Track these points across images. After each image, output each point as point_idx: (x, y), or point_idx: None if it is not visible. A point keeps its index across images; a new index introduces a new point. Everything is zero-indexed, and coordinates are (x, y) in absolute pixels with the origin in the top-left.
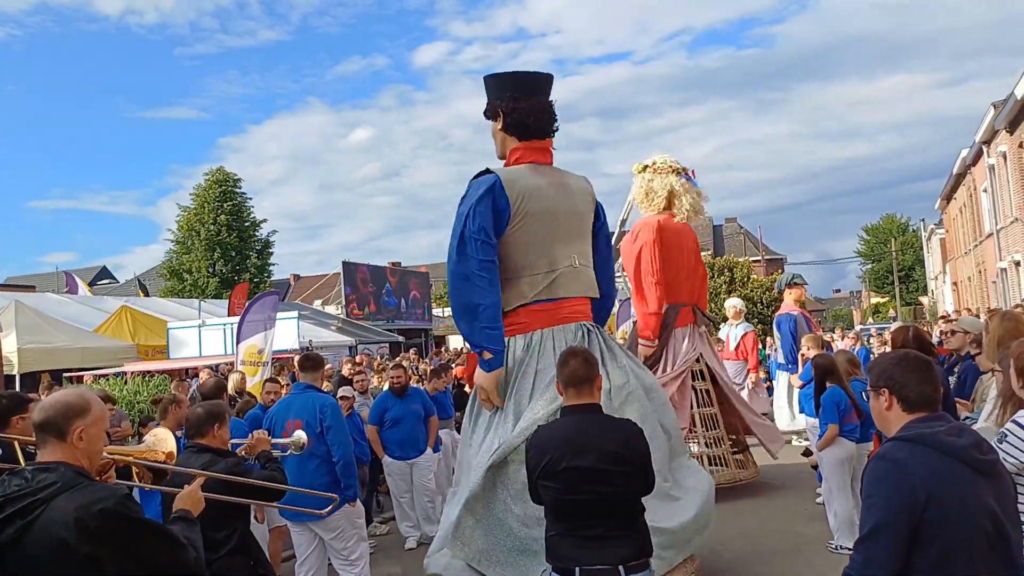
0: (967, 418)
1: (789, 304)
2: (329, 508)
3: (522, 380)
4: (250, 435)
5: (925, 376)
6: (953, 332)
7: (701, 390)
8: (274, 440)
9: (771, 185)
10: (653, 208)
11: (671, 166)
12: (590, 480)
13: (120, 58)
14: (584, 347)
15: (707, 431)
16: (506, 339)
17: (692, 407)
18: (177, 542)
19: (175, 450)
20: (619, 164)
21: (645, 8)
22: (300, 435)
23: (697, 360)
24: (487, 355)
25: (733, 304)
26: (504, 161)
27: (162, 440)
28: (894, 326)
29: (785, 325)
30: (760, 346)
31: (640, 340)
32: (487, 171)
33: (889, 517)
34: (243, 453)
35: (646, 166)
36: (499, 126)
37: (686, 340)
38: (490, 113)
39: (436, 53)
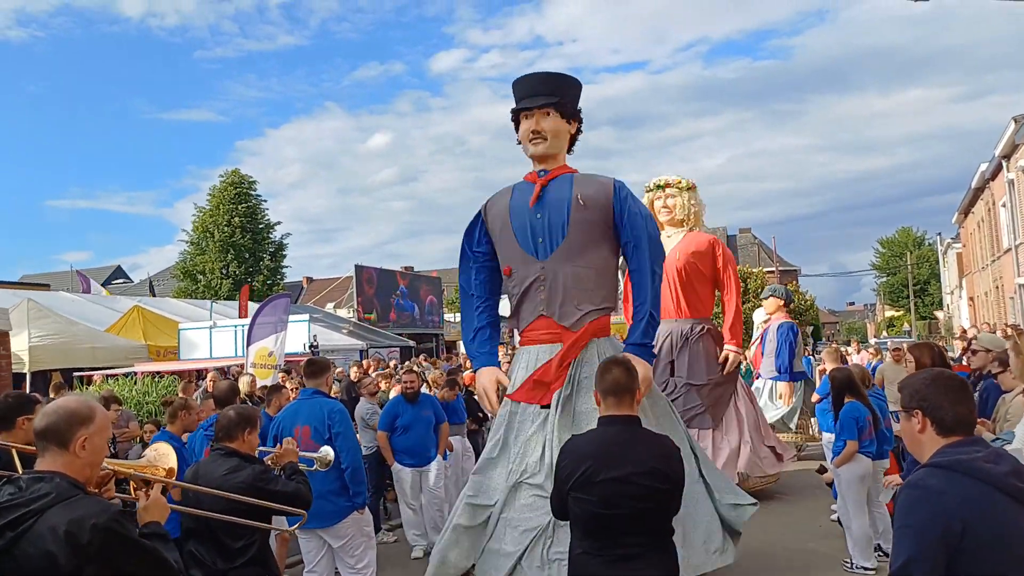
0: (996, 440)
1: (782, 315)
2: (298, 524)
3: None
4: (278, 444)
5: (960, 397)
6: (975, 351)
7: None
8: (303, 453)
9: (786, 196)
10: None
11: (645, 187)
12: (628, 494)
13: (140, 60)
14: (626, 356)
15: None
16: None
17: None
18: (167, 565)
19: (176, 466)
20: (634, 173)
21: (662, 18)
22: (327, 451)
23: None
24: None
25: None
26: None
27: (163, 455)
28: (907, 342)
29: (787, 334)
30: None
31: None
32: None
33: (924, 549)
34: (269, 463)
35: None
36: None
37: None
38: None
39: (453, 60)
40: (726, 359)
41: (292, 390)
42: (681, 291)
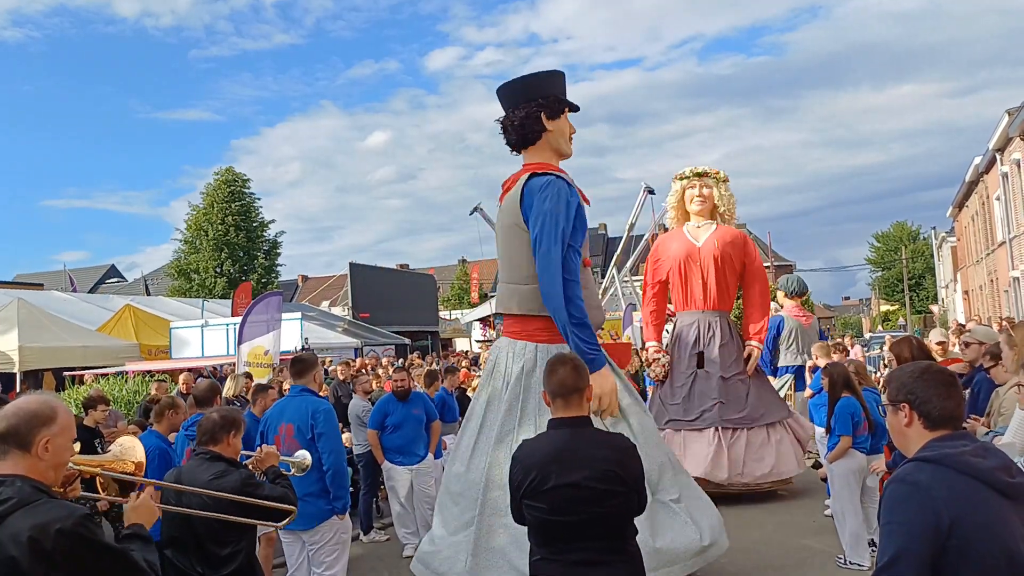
0: (988, 434)
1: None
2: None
3: None
4: (258, 448)
5: (948, 391)
6: (968, 344)
7: None
8: (282, 458)
9: (781, 192)
10: (677, 222)
11: (677, 175)
12: (580, 500)
13: (135, 60)
14: (574, 354)
15: None
16: None
17: None
18: (138, 569)
19: (144, 459)
20: (629, 170)
21: (656, 15)
22: (304, 456)
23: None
24: None
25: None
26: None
27: (129, 449)
28: (895, 335)
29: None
30: None
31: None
32: None
33: (911, 545)
34: (250, 466)
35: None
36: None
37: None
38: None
39: (448, 58)
40: (750, 355)
41: (287, 390)
42: (715, 282)
